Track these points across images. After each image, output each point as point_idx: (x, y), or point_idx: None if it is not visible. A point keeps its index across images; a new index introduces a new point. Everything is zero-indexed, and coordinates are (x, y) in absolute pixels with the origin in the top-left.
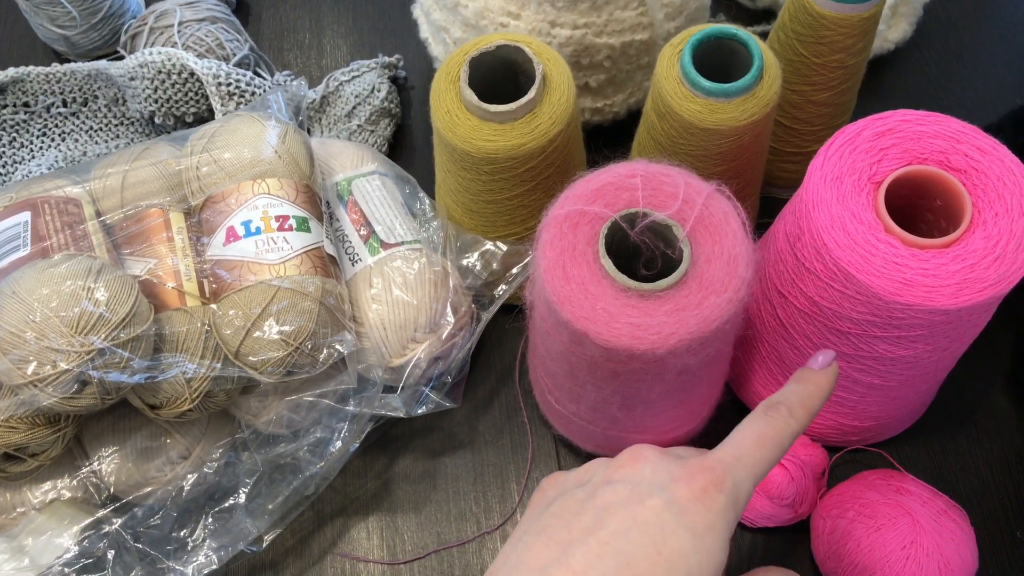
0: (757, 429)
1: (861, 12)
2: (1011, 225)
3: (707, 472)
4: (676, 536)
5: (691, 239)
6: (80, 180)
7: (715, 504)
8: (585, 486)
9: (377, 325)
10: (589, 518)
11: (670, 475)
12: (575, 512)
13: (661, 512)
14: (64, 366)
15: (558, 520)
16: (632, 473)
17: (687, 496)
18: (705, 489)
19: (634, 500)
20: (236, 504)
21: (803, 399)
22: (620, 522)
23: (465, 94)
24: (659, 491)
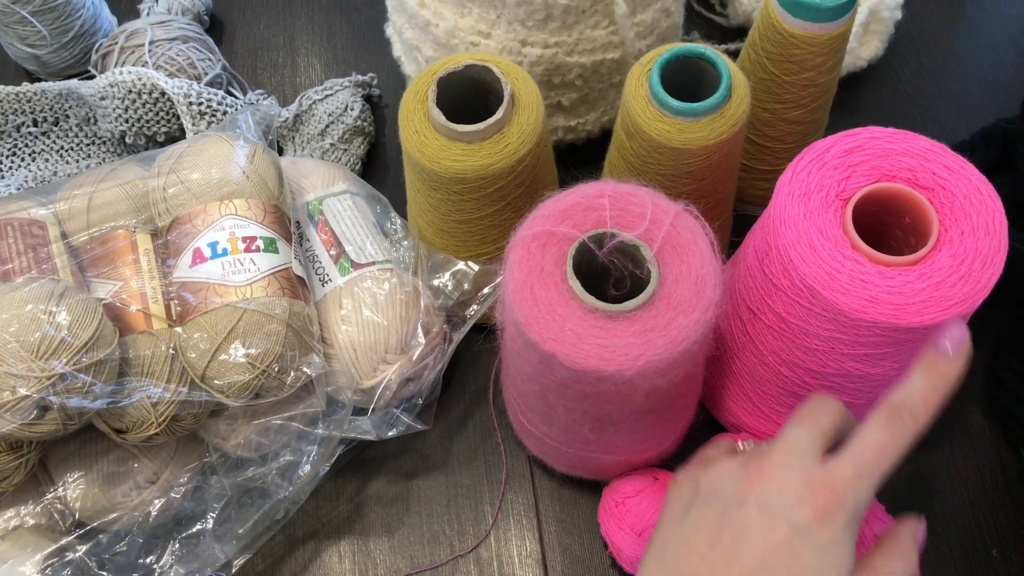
0: (878, 439)
1: (829, 31)
2: (977, 243)
3: (829, 493)
4: (803, 556)
5: (659, 259)
6: (46, 201)
7: (837, 523)
8: (719, 496)
9: (347, 346)
10: (728, 539)
11: (796, 496)
12: (715, 528)
13: (790, 536)
14: (23, 392)
15: (699, 533)
16: (762, 492)
17: (811, 517)
18: (827, 510)
19: (765, 523)
20: (204, 529)
21: (928, 397)
22: (756, 549)
23: (433, 114)
24: (785, 513)
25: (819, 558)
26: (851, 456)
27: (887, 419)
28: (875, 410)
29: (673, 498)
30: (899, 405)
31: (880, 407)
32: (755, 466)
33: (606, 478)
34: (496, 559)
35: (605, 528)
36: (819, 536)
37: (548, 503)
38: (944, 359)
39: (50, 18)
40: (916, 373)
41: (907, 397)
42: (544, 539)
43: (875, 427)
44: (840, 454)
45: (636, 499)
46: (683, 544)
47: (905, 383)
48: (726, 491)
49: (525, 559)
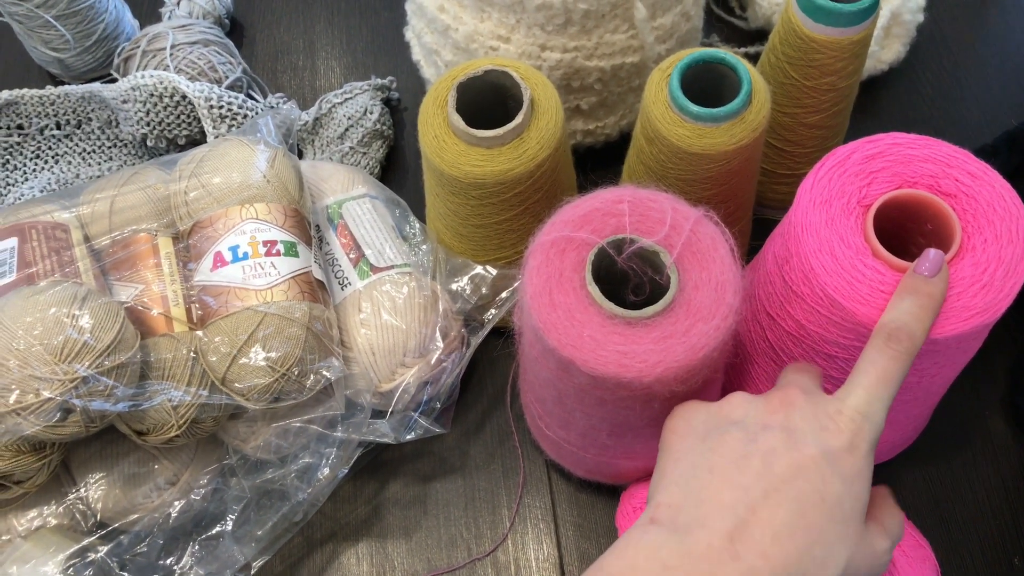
0: (881, 367)
1: (851, 35)
2: (1000, 252)
3: (851, 424)
4: (832, 483)
5: (678, 265)
6: (69, 205)
7: (860, 452)
8: (740, 425)
9: (366, 350)
10: (758, 462)
11: (820, 424)
12: (741, 454)
13: (819, 460)
14: (47, 394)
15: (725, 459)
16: (785, 419)
17: (838, 446)
18: (852, 440)
19: (793, 448)
20: (223, 531)
21: (918, 316)
22: (786, 469)
23: (452, 119)
24: (814, 440)
25: (846, 487)
26: (859, 385)
27: (885, 344)
28: (872, 338)
29: (682, 430)
30: (893, 328)
31: (875, 333)
32: (776, 397)
33: (624, 483)
34: (514, 563)
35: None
36: (846, 464)
37: (565, 507)
38: (925, 280)
39: (73, 22)
40: (901, 297)
41: (898, 319)
42: (561, 543)
43: (875, 354)
44: (847, 385)
45: None
46: (708, 471)
47: (892, 307)
48: (748, 419)
49: (542, 563)
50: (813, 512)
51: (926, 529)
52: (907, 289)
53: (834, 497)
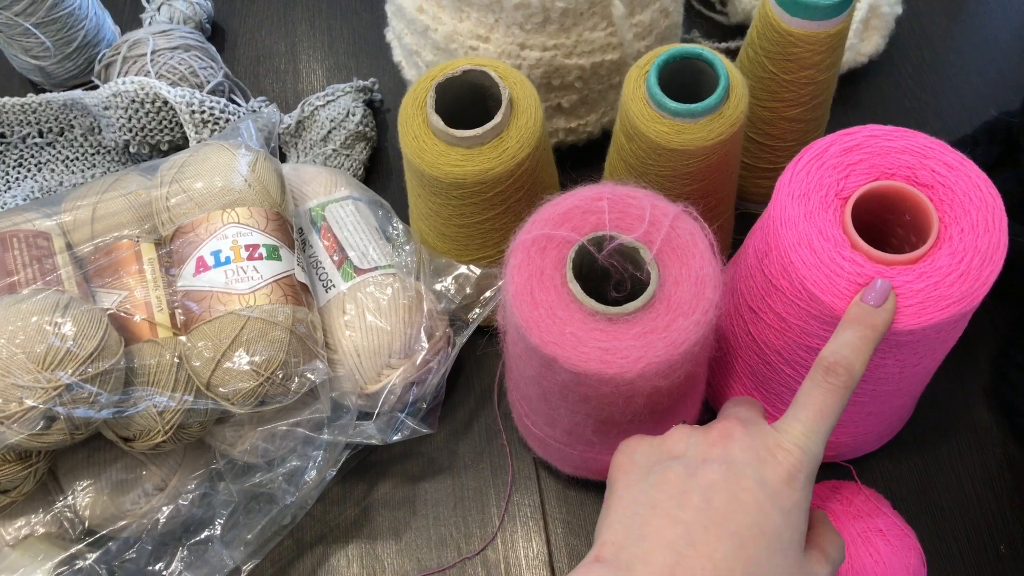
0: (819, 400)
1: (827, 28)
2: (976, 241)
3: (789, 456)
4: (772, 516)
5: (658, 261)
6: (51, 212)
7: (798, 484)
8: (681, 460)
9: (351, 352)
10: (698, 498)
11: (759, 456)
12: (682, 489)
13: (758, 494)
14: (30, 403)
15: (665, 495)
16: (724, 452)
17: (776, 479)
18: (790, 473)
19: (733, 482)
20: (212, 535)
21: (859, 349)
22: (726, 503)
23: (432, 119)
24: (753, 473)
25: (784, 519)
26: (798, 419)
27: (823, 377)
28: (811, 370)
29: (626, 466)
30: (832, 361)
31: (815, 366)
32: (716, 429)
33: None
34: (503, 561)
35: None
36: (784, 496)
37: (554, 504)
38: (870, 311)
39: (53, 29)
40: (844, 328)
41: (838, 352)
42: (551, 540)
43: (814, 386)
44: (786, 417)
45: None
46: (650, 508)
47: (834, 339)
48: (689, 453)
49: (532, 561)
50: (753, 545)
51: (912, 518)
52: (850, 319)
53: (773, 529)
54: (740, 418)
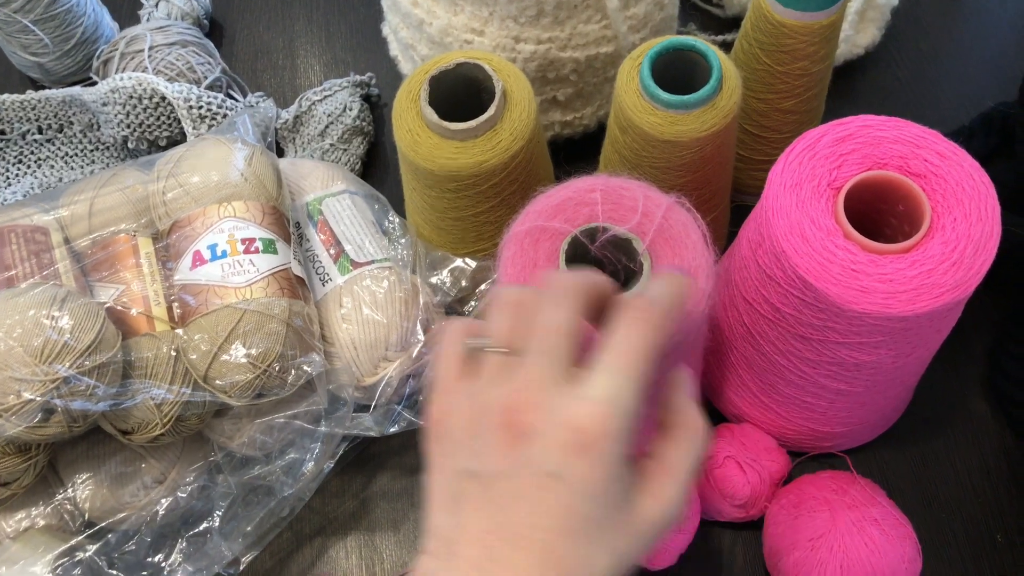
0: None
1: (820, 20)
2: (969, 230)
3: (593, 428)
4: (578, 507)
5: (651, 252)
6: (49, 207)
7: (607, 458)
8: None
9: (348, 345)
10: (498, 513)
11: (560, 445)
12: (484, 500)
13: (559, 491)
14: (28, 395)
15: (467, 505)
16: (526, 456)
17: (578, 465)
18: (595, 449)
19: (533, 489)
20: (211, 527)
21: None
22: (527, 516)
23: (425, 113)
24: (553, 471)
25: (596, 504)
26: (606, 367)
27: (634, 317)
28: (621, 311)
29: (438, 485)
30: (640, 302)
31: (623, 310)
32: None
33: None
34: None
35: None
36: (592, 483)
37: None
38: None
39: (52, 26)
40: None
41: (648, 296)
42: None
43: (625, 328)
44: (594, 369)
45: None
46: (457, 526)
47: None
48: (489, 466)
49: None
50: (561, 546)
51: (908, 509)
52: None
53: (582, 519)
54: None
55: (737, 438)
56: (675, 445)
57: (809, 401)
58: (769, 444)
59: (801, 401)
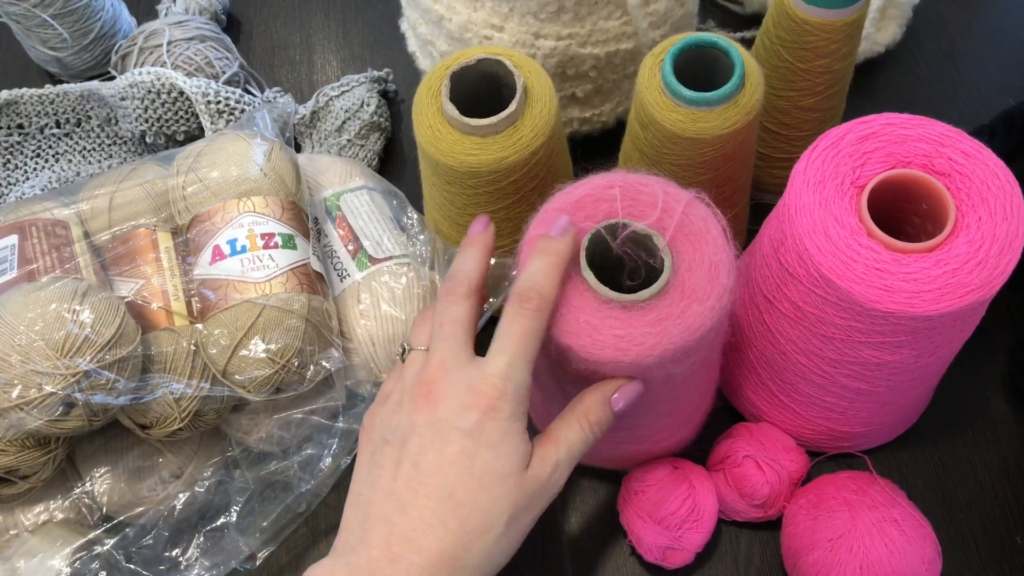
0: (519, 328)
1: (844, 17)
2: (994, 229)
3: (493, 390)
4: (479, 455)
5: (672, 248)
6: (69, 202)
7: (503, 414)
8: (395, 432)
9: (366, 341)
10: (408, 466)
11: (461, 404)
12: (395, 461)
13: (463, 442)
14: (49, 389)
15: (383, 470)
16: (430, 415)
17: (478, 419)
18: (491, 407)
19: (439, 440)
20: (228, 522)
21: (547, 274)
22: (432, 463)
23: (446, 108)
24: (456, 424)
25: (494, 453)
26: (499, 350)
27: (519, 307)
28: (507, 302)
29: (362, 446)
30: (525, 289)
31: (509, 300)
32: (421, 391)
33: (625, 468)
34: None
35: (624, 517)
36: (489, 433)
37: (567, 492)
38: (551, 239)
39: (71, 21)
40: (531, 259)
41: (529, 280)
42: (564, 530)
43: (511, 317)
44: (490, 352)
45: (655, 488)
46: (372, 485)
47: (524, 270)
48: (400, 424)
49: (544, 550)
50: (461, 490)
51: (928, 509)
52: (537, 251)
53: (482, 468)
54: (445, 361)
55: (756, 437)
56: (564, 423)
57: (829, 401)
58: (788, 443)
59: (821, 401)
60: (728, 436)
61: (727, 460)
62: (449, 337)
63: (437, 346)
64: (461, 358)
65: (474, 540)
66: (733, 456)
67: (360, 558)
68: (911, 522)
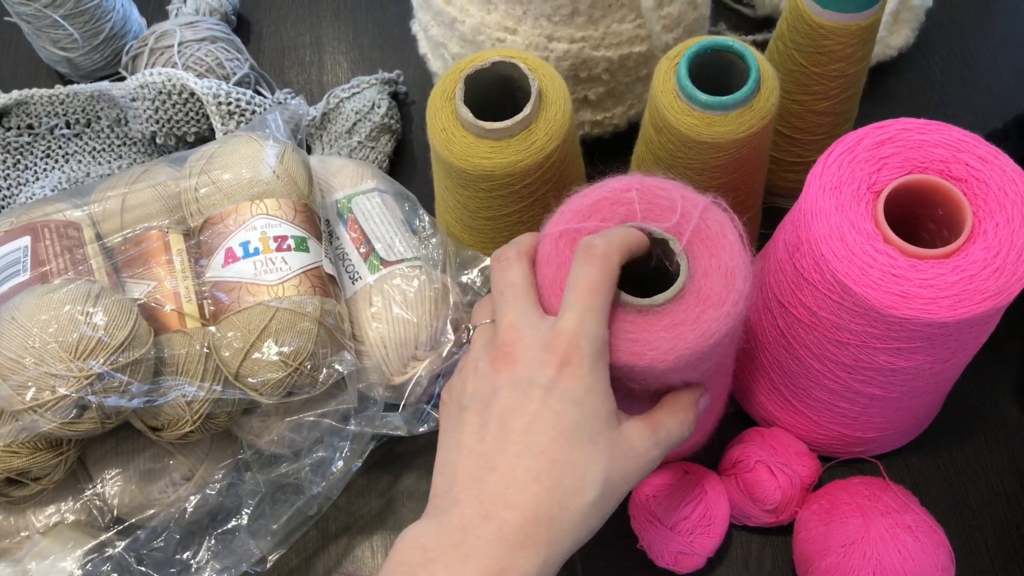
0: (586, 279)
1: (859, 21)
2: (1012, 235)
3: (568, 346)
4: (565, 412)
5: (688, 252)
6: (80, 203)
7: (582, 370)
8: (475, 396)
9: (378, 343)
10: (495, 426)
11: (539, 361)
12: (480, 423)
13: (546, 399)
14: (63, 391)
15: (467, 435)
16: (510, 376)
17: (556, 374)
18: (569, 361)
19: (523, 399)
20: (239, 525)
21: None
22: (520, 422)
23: (460, 112)
24: (537, 382)
25: (580, 409)
26: (569, 304)
27: (585, 255)
28: (574, 261)
29: (443, 415)
30: (586, 243)
31: (576, 251)
32: (496, 354)
33: None
34: None
35: (636, 522)
36: (572, 389)
37: None
38: None
39: (81, 21)
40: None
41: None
42: None
43: (578, 267)
44: (562, 308)
45: (667, 493)
46: (457, 449)
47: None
48: (480, 389)
49: None
50: (553, 448)
51: (940, 515)
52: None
53: (571, 424)
54: (516, 326)
55: (768, 442)
56: (664, 411)
57: (843, 406)
58: (800, 448)
59: (834, 406)
60: (740, 441)
61: (739, 465)
62: (511, 300)
63: (503, 312)
64: (531, 317)
65: (570, 499)
66: (745, 461)
67: (451, 518)
68: (925, 529)
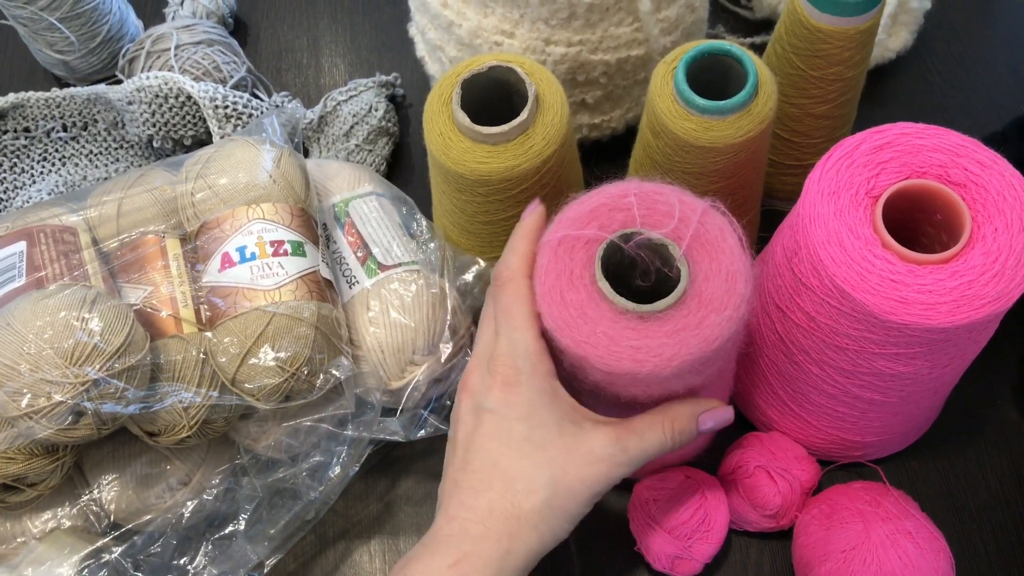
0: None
1: (857, 25)
2: (1011, 241)
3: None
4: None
5: (688, 257)
6: (77, 208)
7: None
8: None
9: (375, 348)
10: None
11: (486, 387)
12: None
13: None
14: (59, 398)
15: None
16: (469, 402)
17: (501, 396)
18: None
19: (478, 423)
20: (236, 530)
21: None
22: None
23: (457, 116)
24: (487, 407)
25: (526, 425)
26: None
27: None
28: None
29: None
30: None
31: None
32: (461, 385)
33: (637, 475)
34: None
35: (634, 525)
36: (515, 405)
37: None
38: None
39: (78, 24)
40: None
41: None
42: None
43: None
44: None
45: (667, 497)
46: (443, 479)
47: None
48: (455, 419)
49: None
50: (504, 460)
51: (939, 519)
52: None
53: (519, 438)
54: (477, 353)
55: (767, 447)
56: (647, 420)
57: (841, 411)
58: (799, 453)
59: (833, 411)
60: (739, 446)
61: (738, 470)
62: (480, 331)
63: (475, 343)
64: (484, 348)
65: (521, 500)
66: (744, 466)
67: (430, 532)
68: (925, 535)
